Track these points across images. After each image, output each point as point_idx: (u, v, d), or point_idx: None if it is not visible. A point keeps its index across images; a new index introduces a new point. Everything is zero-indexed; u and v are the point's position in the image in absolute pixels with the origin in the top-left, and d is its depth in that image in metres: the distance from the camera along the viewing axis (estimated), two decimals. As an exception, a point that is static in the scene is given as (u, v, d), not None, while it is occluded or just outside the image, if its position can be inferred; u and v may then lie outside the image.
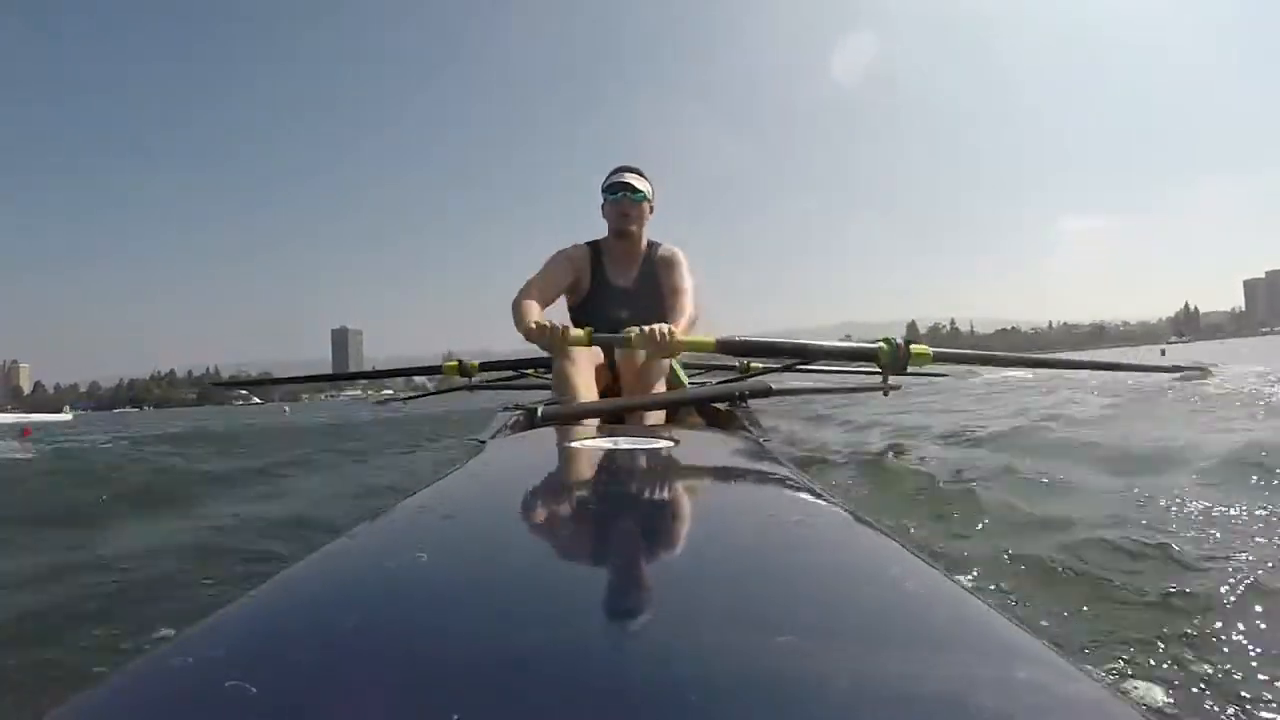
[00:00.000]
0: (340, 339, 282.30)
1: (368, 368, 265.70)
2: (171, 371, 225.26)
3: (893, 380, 2.17)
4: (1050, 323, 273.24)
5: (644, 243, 2.19)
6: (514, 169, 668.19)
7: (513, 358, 3.95)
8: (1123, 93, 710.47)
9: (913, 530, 1.52)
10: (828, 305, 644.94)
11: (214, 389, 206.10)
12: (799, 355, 2.05)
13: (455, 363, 3.78)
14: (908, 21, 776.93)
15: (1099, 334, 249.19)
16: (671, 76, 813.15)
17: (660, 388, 1.90)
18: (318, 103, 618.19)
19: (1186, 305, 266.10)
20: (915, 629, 0.37)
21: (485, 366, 3.80)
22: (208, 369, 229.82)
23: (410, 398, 5.65)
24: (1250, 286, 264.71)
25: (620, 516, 0.67)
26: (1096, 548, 1.27)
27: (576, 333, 1.80)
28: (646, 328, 1.71)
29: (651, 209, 2.18)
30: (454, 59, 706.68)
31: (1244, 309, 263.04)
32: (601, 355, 2.04)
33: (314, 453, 4.47)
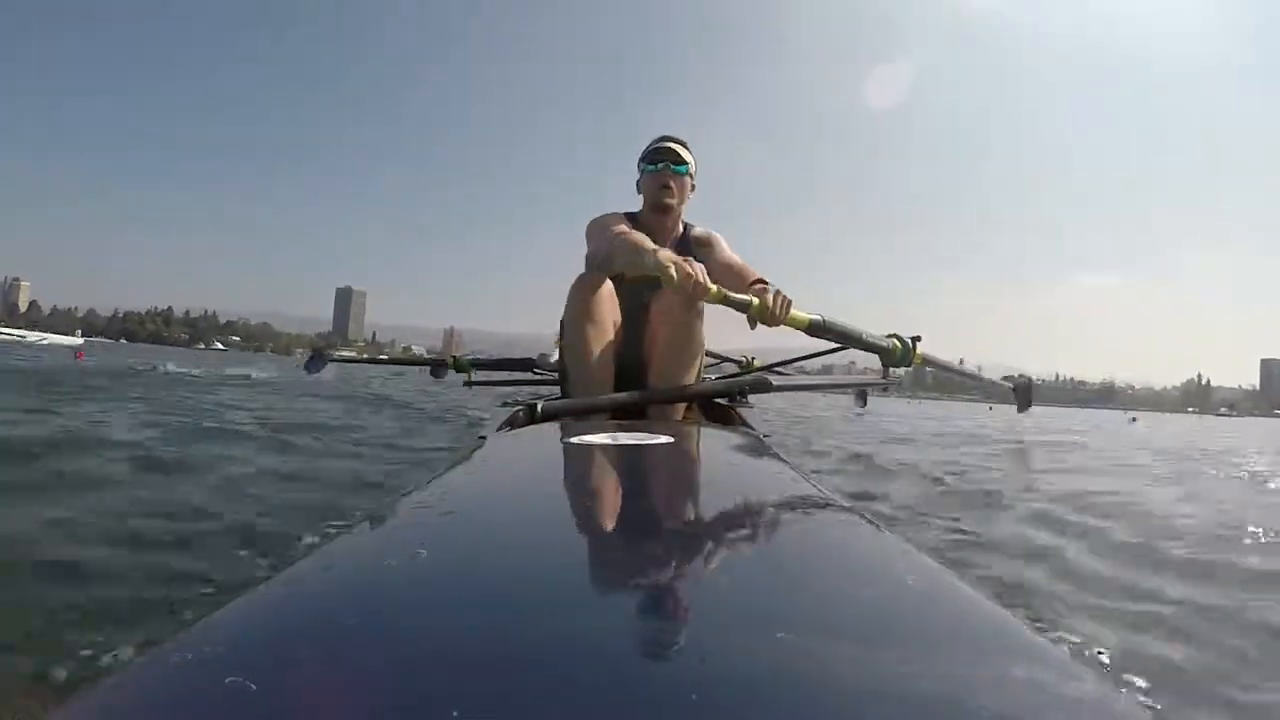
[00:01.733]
0: (344, 298, 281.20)
1: (368, 332, 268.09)
2: (169, 308, 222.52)
3: (891, 380, 2.38)
4: (1058, 375, 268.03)
5: (681, 224, 2.02)
6: (526, 166, 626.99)
7: (502, 357, 4.49)
8: (1150, 154, 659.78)
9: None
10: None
11: (207, 331, 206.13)
12: (823, 330, 1.83)
13: (452, 358, 4.23)
14: (935, 50, 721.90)
15: (1108, 394, 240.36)
16: (695, 75, 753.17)
17: (689, 379, 1.77)
18: (350, 68, 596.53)
19: (1199, 376, 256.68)
20: (919, 626, 0.37)
21: (480, 365, 4.20)
22: (205, 311, 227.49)
23: None
24: (1267, 366, 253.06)
25: (620, 512, 0.67)
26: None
27: (712, 289, 1.54)
28: (768, 296, 1.58)
29: (694, 186, 2.00)
30: (474, 40, 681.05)
31: (1258, 388, 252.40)
32: (622, 336, 1.83)
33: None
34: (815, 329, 1.73)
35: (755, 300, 1.55)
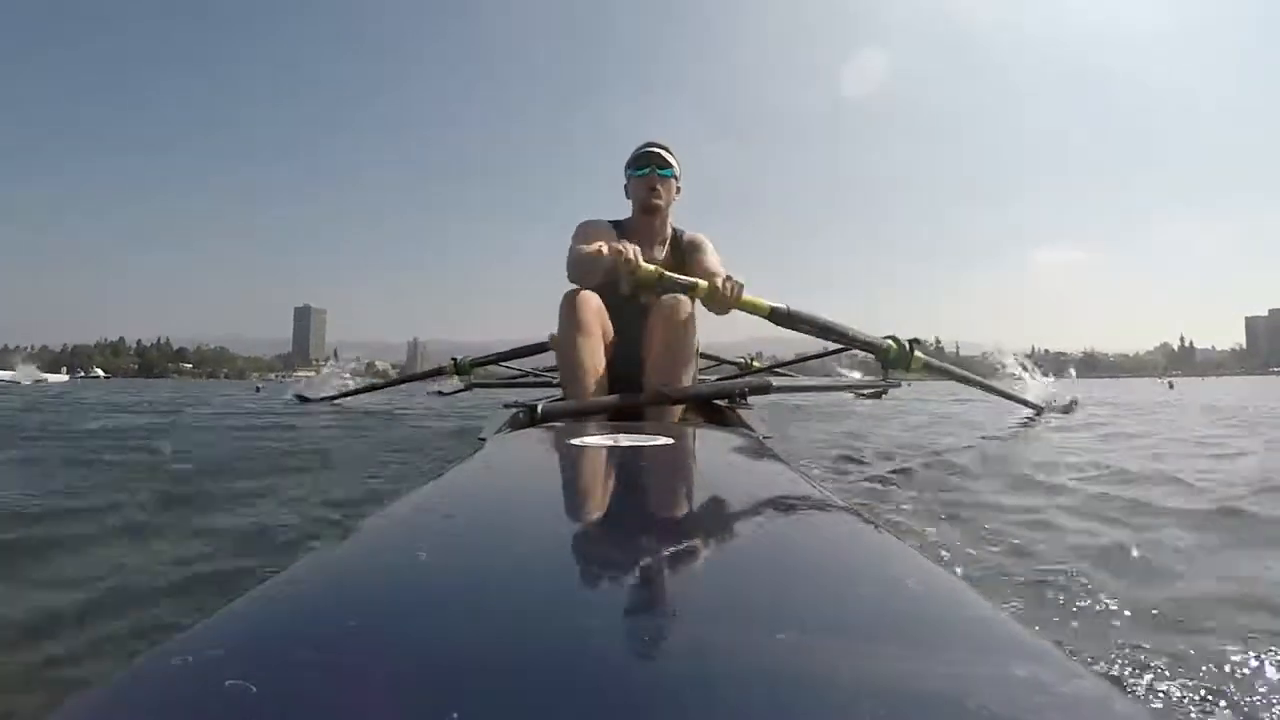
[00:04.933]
0: (303, 318, 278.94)
1: (330, 350, 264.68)
2: (120, 339, 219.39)
3: (890, 381, 2.46)
4: (1033, 348, 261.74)
5: (670, 227, 2.15)
6: (485, 173, 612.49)
7: (504, 349, 4.12)
8: (1107, 125, 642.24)
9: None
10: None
11: (157, 360, 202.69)
12: (789, 320, 1.93)
13: (452, 362, 3.96)
14: (900, 38, 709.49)
15: (1090, 363, 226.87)
16: (659, 75, 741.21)
17: (685, 380, 1.83)
18: (295, 81, 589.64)
19: (1182, 339, 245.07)
20: (917, 626, 0.38)
21: (479, 362, 3.98)
22: (158, 340, 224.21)
23: None
24: (1252, 323, 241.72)
25: (620, 514, 0.68)
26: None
27: (646, 267, 1.67)
28: (718, 279, 1.68)
29: (679, 188, 2.14)
30: (434, 47, 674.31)
31: (1244, 346, 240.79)
32: (613, 332, 1.98)
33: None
34: (778, 317, 1.82)
35: (703, 283, 1.66)
